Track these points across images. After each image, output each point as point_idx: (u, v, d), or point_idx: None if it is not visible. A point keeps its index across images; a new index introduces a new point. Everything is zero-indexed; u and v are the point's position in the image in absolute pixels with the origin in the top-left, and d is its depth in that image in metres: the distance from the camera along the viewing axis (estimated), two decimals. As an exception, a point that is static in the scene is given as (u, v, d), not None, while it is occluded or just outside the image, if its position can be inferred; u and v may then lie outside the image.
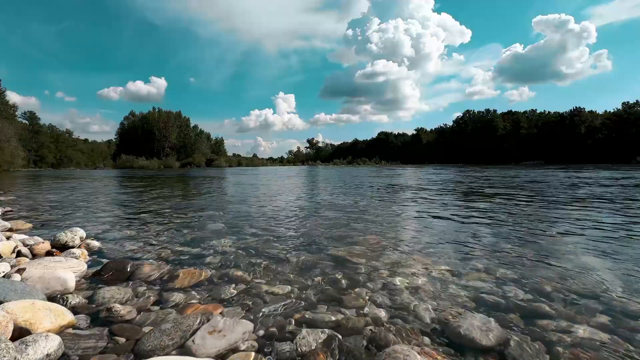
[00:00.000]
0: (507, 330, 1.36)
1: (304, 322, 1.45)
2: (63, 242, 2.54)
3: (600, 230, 3.24)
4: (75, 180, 15.82)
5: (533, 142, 65.45)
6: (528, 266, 2.19)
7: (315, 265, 2.24)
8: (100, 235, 3.16)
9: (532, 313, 1.53)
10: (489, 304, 1.63)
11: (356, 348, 1.26)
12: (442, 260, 2.34)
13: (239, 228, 3.55)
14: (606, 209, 4.65)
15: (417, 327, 1.41)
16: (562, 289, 1.79)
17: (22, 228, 3.41)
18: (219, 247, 2.71)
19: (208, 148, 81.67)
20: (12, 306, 1.29)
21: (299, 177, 17.97)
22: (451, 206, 5.28)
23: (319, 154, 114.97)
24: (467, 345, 1.28)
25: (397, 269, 2.16)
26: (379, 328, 1.40)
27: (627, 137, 52.87)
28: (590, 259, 2.32)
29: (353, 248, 2.67)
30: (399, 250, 2.63)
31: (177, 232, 3.34)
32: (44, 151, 58.35)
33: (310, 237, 3.09)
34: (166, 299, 1.68)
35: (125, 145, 71.31)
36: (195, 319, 1.40)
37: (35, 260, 2.07)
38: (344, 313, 1.54)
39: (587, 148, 57.52)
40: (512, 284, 1.88)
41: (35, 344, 1.11)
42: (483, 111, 78.89)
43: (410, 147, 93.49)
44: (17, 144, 44.58)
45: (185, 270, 2.10)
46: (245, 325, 1.37)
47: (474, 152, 71.83)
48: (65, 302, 1.58)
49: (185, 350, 1.22)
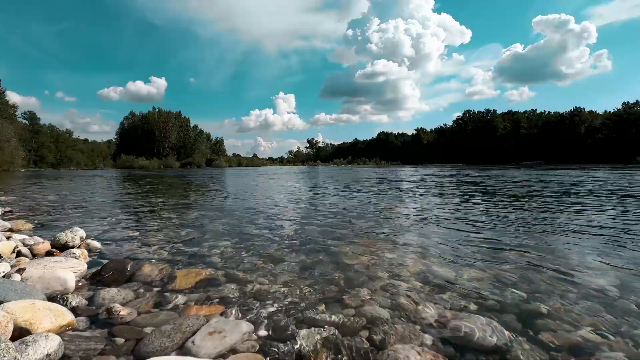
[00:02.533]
0: (508, 331, 1.36)
1: (304, 322, 1.45)
2: (63, 242, 2.53)
3: (601, 231, 3.24)
4: (75, 180, 15.82)
5: (533, 142, 65.48)
6: (528, 266, 2.18)
7: (315, 265, 2.23)
8: (101, 236, 3.16)
9: (532, 313, 1.52)
10: (490, 304, 1.63)
11: (356, 348, 1.26)
12: (442, 260, 2.34)
13: (239, 228, 3.55)
14: (606, 209, 4.65)
15: (418, 327, 1.41)
16: (562, 289, 1.79)
17: (22, 228, 3.40)
18: (219, 247, 2.71)
19: (208, 148, 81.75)
20: (12, 306, 1.29)
21: (299, 177, 17.97)
22: (451, 206, 5.27)
23: (319, 154, 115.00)
24: (467, 346, 1.27)
25: (397, 268, 2.15)
26: (379, 328, 1.39)
27: (627, 137, 52.89)
28: (591, 259, 2.32)
29: (353, 248, 2.67)
30: (399, 250, 2.63)
31: (177, 232, 3.33)
32: (44, 151, 58.35)
33: (311, 237, 3.09)
34: (166, 300, 1.68)
35: (125, 145, 71.35)
36: (196, 320, 1.40)
37: (35, 260, 2.07)
38: (344, 313, 1.54)
39: (587, 148, 57.53)
40: (512, 284, 1.88)
41: (35, 344, 1.10)
42: (483, 111, 78.96)
43: (410, 147, 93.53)
44: (17, 144, 44.61)
45: (185, 270, 2.10)
46: (245, 326, 1.37)
47: (474, 152, 71.84)
48: (65, 302, 1.58)
49: (186, 351, 1.22)
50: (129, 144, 71.45)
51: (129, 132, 75.49)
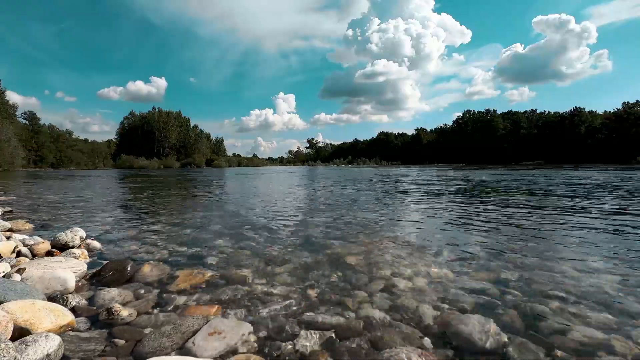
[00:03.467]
0: (508, 331, 1.36)
1: (304, 324, 1.45)
2: (63, 242, 2.53)
3: (601, 230, 3.24)
4: (75, 180, 15.82)
5: (533, 142, 65.51)
6: (528, 266, 2.18)
7: (315, 266, 2.23)
8: (101, 236, 3.16)
9: (532, 313, 1.52)
10: (490, 304, 1.63)
11: (356, 350, 1.26)
12: (442, 261, 2.33)
13: (239, 228, 3.55)
14: (607, 209, 4.65)
15: (418, 328, 1.41)
16: (562, 289, 1.79)
17: (22, 228, 3.40)
18: (219, 248, 2.71)
19: (208, 148, 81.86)
20: (12, 306, 1.29)
21: (299, 177, 17.96)
22: (451, 207, 5.27)
23: (319, 154, 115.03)
24: (467, 347, 1.27)
25: (397, 269, 2.15)
26: (379, 329, 1.39)
27: (627, 137, 52.88)
28: (591, 259, 2.32)
29: (353, 249, 2.67)
30: (399, 251, 2.63)
31: (177, 233, 3.33)
32: (44, 151, 58.31)
33: (310, 238, 3.09)
34: (166, 300, 1.68)
35: (125, 145, 71.42)
36: (196, 321, 1.40)
37: (35, 260, 2.07)
38: (344, 314, 1.53)
39: (587, 148, 57.53)
40: (512, 284, 1.87)
41: (35, 343, 1.10)
42: (483, 111, 79.00)
43: (410, 147, 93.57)
44: (17, 144, 44.66)
45: (185, 271, 2.10)
46: (245, 327, 1.37)
47: (474, 152, 71.87)
48: (65, 303, 1.58)
49: (186, 352, 1.22)
50: (129, 144, 71.53)
51: (129, 132, 75.55)
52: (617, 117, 56.92)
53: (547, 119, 68.18)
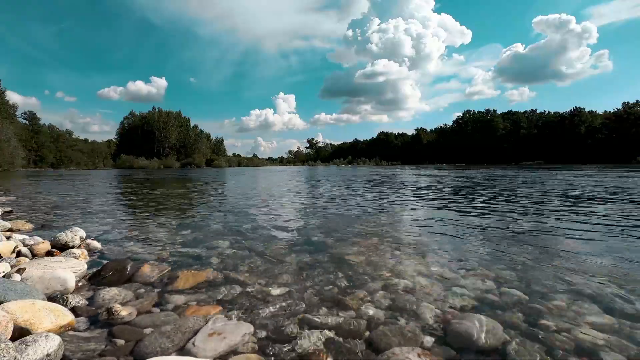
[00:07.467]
0: (508, 331, 1.36)
1: (304, 324, 1.45)
2: (63, 242, 2.53)
3: (601, 230, 3.23)
4: (75, 180, 15.81)
5: (533, 142, 65.52)
6: (528, 266, 2.18)
7: (315, 266, 2.23)
8: (101, 236, 3.15)
9: (532, 313, 1.52)
10: (490, 304, 1.63)
11: (356, 350, 1.26)
12: (442, 261, 2.33)
13: (239, 228, 3.55)
14: (607, 209, 4.64)
15: (418, 328, 1.41)
16: (562, 288, 1.79)
17: (22, 228, 3.40)
18: (219, 248, 2.71)
19: (208, 148, 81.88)
20: (12, 306, 1.29)
21: (299, 177, 17.96)
22: (451, 206, 5.27)
23: (319, 154, 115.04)
24: (468, 346, 1.27)
25: (397, 269, 2.15)
26: (379, 329, 1.39)
27: (627, 137, 52.89)
28: (591, 259, 2.31)
29: (353, 249, 2.67)
30: (399, 250, 2.63)
31: (177, 233, 3.33)
32: (44, 151, 58.34)
33: (310, 238, 3.09)
34: (166, 300, 1.68)
35: (125, 145, 71.45)
36: (196, 321, 1.40)
37: (35, 260, 2.07)
38: (344, 314, 1.53)
39: (587, 148, 57.54)
40: (512, 284, 1.87)
41: (35, 343, 1.10)
42: (483, 111, 79.02)
43: (410, 147, 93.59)
44: (17, 144, 44.66)
45: (185, 271, 2.09)
46: (245, 327, 1.37)
47: (474, 152, 71.87)
48: (65, 302, 1.57)
49: (186, 352, 1.21)
50: (129, 144, 71.55)
51: (129, 132, 75.57)
52: (617, 117, 56.92)
53: (547, 119, 68.20)
